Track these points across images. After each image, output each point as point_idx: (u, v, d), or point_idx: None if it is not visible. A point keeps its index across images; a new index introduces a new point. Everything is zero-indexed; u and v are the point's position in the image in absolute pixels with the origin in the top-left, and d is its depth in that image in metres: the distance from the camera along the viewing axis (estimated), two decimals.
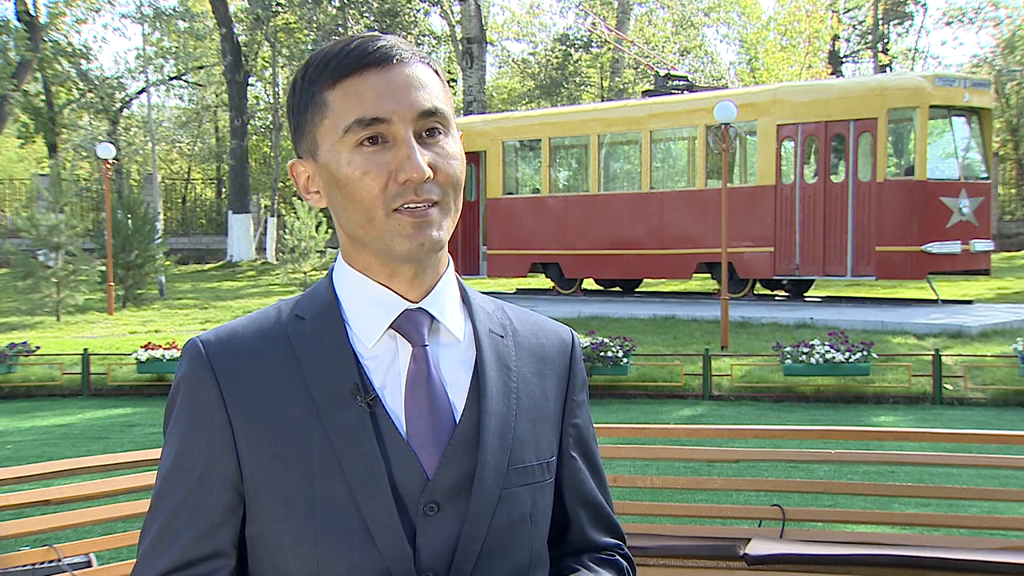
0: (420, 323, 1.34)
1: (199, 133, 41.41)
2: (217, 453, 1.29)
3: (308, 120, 1.32)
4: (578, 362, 1.48)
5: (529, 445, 1.36)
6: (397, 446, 1.29)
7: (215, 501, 1.29)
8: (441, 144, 1.31)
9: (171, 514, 1.30)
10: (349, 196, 1.29)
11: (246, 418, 1.29)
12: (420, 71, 1.31)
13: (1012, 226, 28.22)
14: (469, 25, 28.43)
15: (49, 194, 20.46)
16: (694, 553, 4.02)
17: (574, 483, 1.45)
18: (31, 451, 9.17)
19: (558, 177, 20.49)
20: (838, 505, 6.11)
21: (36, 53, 32.52)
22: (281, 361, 1.31)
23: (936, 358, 10.85)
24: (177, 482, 1.30)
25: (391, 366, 1.33)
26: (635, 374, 11.69)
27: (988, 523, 4.31)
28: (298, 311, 1.36)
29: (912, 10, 37.97)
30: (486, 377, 1.35)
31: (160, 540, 1.30)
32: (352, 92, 1.28)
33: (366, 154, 1.28)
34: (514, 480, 1.34)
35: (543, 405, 1.40)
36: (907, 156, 16.95)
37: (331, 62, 1.30)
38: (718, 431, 4.89)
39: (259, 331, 1.34)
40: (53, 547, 3.64)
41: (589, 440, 1.48)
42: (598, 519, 1.48)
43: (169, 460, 1.32)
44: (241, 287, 25.41)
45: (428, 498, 1.29)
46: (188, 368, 1.32)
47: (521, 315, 1.46)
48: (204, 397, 1.30)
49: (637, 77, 33.39)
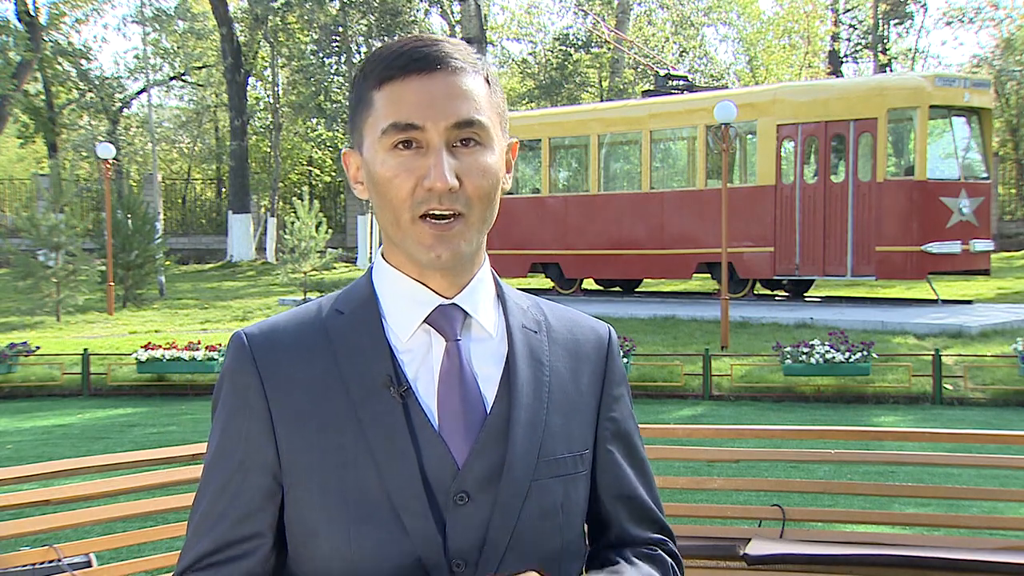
0: (453, 318, 1.37)
1: (199, 133, 41.38)
2: (257, 441, 1.34)
3: (359, 115, 1.37)
4: (615, 357, 1.50)
5: (560, 438, 1.39)
6: (428, 437, 1.32)
7: (254, 487, 1.35)
8: (475, 156, 1.32)
9: (214, 498, 1.36)
10: (382, 195, 1.33)
11: (285, 408, 1.34)
12: (466, 80, 1.33)
13: (1012, 226, 28.22)
14: (469, 25, 28.44)
15: (49, 194, 20.46)
16: (694, 553, 4.01)
17: (612, 477, 1.46)
18: (31, 451, 9.17)
19: (558, 177, 20.50)
20: (838, 505, 6.11)
21: (36, 53, 32.52)
22: (319, 354, 1.36)
23: (936, 358, 10.85)
24: (220, 468, 1.36)
25: (424, 359, 1.36)
26: (635, 374, 11.69)
27: (988, 523, 4.31)
28: (338, 306, 1.40)
29: (912, 10, 37.96)
30: (517, 371, 1.38)
31: (203, 522, 1.36)
32: (393, 96, 1.32)
33: (399, 157, 1.31)
34: (544, 471, 1.36)
35: (576, 399, 1.42)
36: (907, 156, 16.95)
37: (380, 63, 1.34)
38: (718, 431, 4.89)
39: (299, 325, 1.39)
40: (53, 547, 3.64)
41: (630, 434, 1.49)
42: (639, 513, 1.49)
43: (214, 447, 1.38)
44: (241, 287, 25.40)
45: (458, 488, 1.32)
46: (233, 359, 1.38)
47: (557, 311, 1.49)
48: (246, 387, 1.35)
49: (637, 77, 33.38)
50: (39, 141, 38.29)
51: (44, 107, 36.43)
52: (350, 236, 33.49)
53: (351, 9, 30.67)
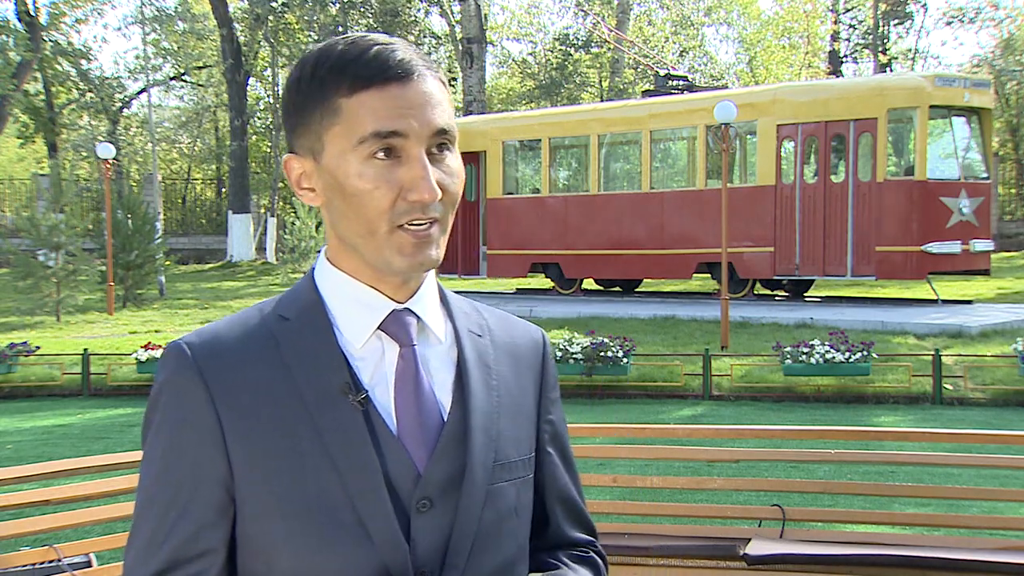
0: (407, 324, 1.35)
1: (199, 133, 41.41)
2: (207, 454, 1.29)
3: (315, 120, 1.31)
4: (550, 360, 1.51)
5: (511, 441, 1.39)
6: (389, 443, 1.31)
7: (206, 502, 1.29)
8: (447, 162, 1.32)
9: (161, 516, 1.30)
10: (353, 207, 1.30)
11: (236, 419, 1.29)
12: (434, 87, 1.32)
13: (1012, 226, 28.22)
14: (469, 25, 28.44)
15: (49, 194, 20.46)
16: (694, 553, 4.02)
17: (551, 479, 1.48)
18: (31, 451, 9.17)
19: (558, 177, 20.49)
20: (838, 505, 6.11)
21: (36, 53, 32.52)
22: (268, 361, 1.32)
23: (936, 358, 10.85)
24: (166, 484, 1.30)
25: (379, 366, 1.34)
26: (635, 374, 11.69)
27: (988, 523, 4.31)
28: (281, 311, 1.36)
29: (912, 10, 37.97)
30: (469, 376, 1.37)
31: (151, 542, 1.30)
32: (370, 104, 1.28)
33: (378, 167, 1.28)
34: (500, 476, 1.36)
35: (521, 402, 1.43)
36: (907, 156, 16.95)
37: (348, 68, 1.29)
38: (718, 431, 4.89)
39: (244, 332, 1.34)
40: (53, 547, 3.64)
41: (563, 436, 1.51)
42: (573, 515, 1.51)
43: (156, 463, 1.31)
44: (241, 287, 25.41)
45: (421, 494, 1.31)
46: (173, 371, 1.31)
47: (495, 315, 1.49)
48: (192, 399, 1.30)
49: (637, 77, 33.38)
50: (39, 141, 38.29)
51: (44, 107, 36.43)
52: None
53: (351, 9, 30.68)
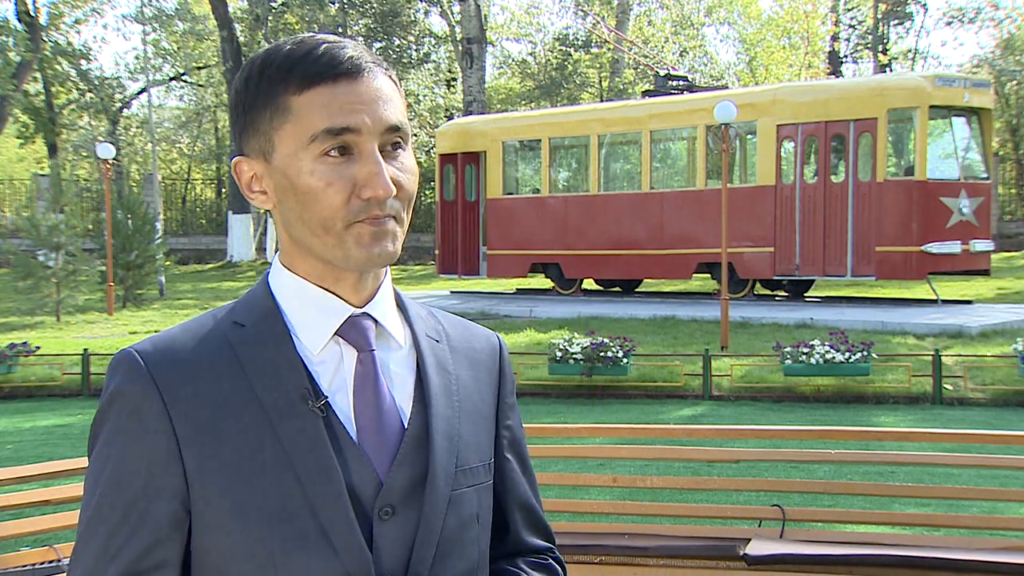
0: (366, 328, 1.34)
1: (199, 133, 41.41)
2: (161, 466, 1.26)
3: (264, 121, 1.30)
4: (507, 365, 1.50)
5: (472, 447, 1.38)
6: (350, 450, 1.29)
7: (160, 515, 1.26)
8: (401, 159, 1.31)
9: (113, 530, 1.26)
10: (307, 205, 1.28)
11: (192, 429, 1.26)
12: (385, 84, 1.31)
13: (1012, 226, 28.22)
14: (469, 25, 28.44)
15: (49, 194, 20.46)
16: (694, 553, 4.02)
17: (510, 485, 1.47)
18: (31, 451, 9.18)
19: (558, 177, 20.49)
20: (838, 505, 6.10)
21: (36, 53, 32.53)
22: (225, 369, 1.29)
23: (936, 358, 10.85)
24: (117, 497, 1.26)
25: (337, 371, 1.32)
26: (635, 374, 11.68)
27: (988, 523, 4.31)
28: (236, 318, 1.33)
29: (912, 10, 37.98)
30: (429, 381, 1.36)
31: (102, 557, 1.26)
32: (321, 101, 1.27)
33: (330, 165, 1.27)
34: (462, 481, 1.35)
35: (480, 407, 1.42)
36: (907, 156, 16.95)
37: (297, 66, 1.28)
38: (718, 431, 4.89)
39: (198, 339, 1.31)
40: (53, 547, 3.64)
41: (521, 442, 1.50)
42: (531, 521, 1.50)
43: (106, 475, 1.27)
44: (241, 287, 25.41)
45: (383, 502, 1.29)
46: (124, 380, 1.28)
47: (451, 320, 1.48)
48: (145, 409, 1.26)
49: (637, 77, 33.38)
50: (39, 141, 38.28)
51: (44, 107, 36.42)
52: None
53: (351, 10, 30.69)
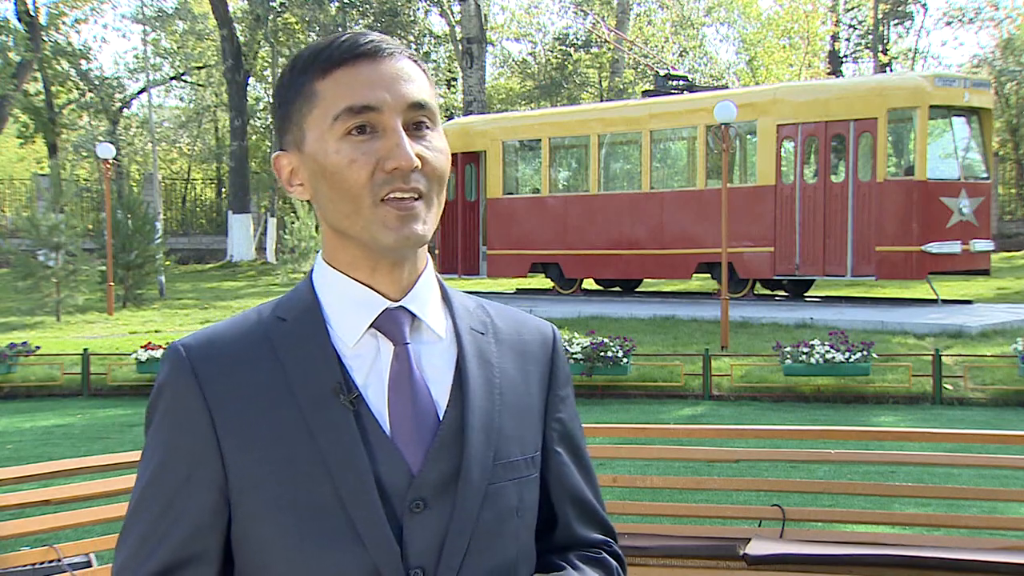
0: (401, 321, 1.34)
1: (199, 133, 41.41)
2: (201, 456, 1.29)
3: (296, 111, 1.33)
4: (560, 357, 1.48)
5: (514, 440, 1.37)
6: (382, 444, 1.29)
7: (201, 504, 1.29)
8: (428, 137, 1.32)
9: (156, 518, 1.30)
10: (335, 186, 1.29)
11: (230, 421, 1.29)
12: (408, 66, 1.33)
13: (1012, 226, 28.22)
14: (469, 25, 28.44)
15: (49, 194, 20.46)
16: (694, 553, 4.02)
17: (559, 478, 1.45)
18: (31, 451, 9.17)
19: (558, 177, 20.49)
20: (838, 505, 6.10)
21: (36, 53, 32.52)
22: (263, 363, 1.31)
23: (936, 358, 10.85)
24: (161, 486, 1.30)
25: (373, 365, 1.33)
26: (635, 374, 11.68)
27: (988, 523, 4.31)
28: (279, 312, 1.35)
29: (912, 10, 37.97)
30: (468, 374, 1.35)
31: (144, 543, 1.30)
32: (343, 81, 1.29)
33: (354, 143, 1.28)
34: (500, 475, 1.34)
35: (526, 400, 1.41)
36: (907, 156, 16.94)
37: (321, 54, 1.31)
38: (718, 431, 4.89)
39: (240, 334, 1.34)
40: (53, 547, 3.64)
41: (575, 435, 1.48)
42: (585, 515, 1.47)
43: (152, 464, 1.32)
44: (241, 287, 25.40)
45: (414, 495, 1.29)
46: (170, 373, 1.31)
47: (502, 312, 1.47)
48: (187, 401, 1.30)
49: (637, 77, 33.37)
50: (39, 141, 38.28)
51: (44, 107, 36.42)
52: None
53: (351, 9, 30.68)
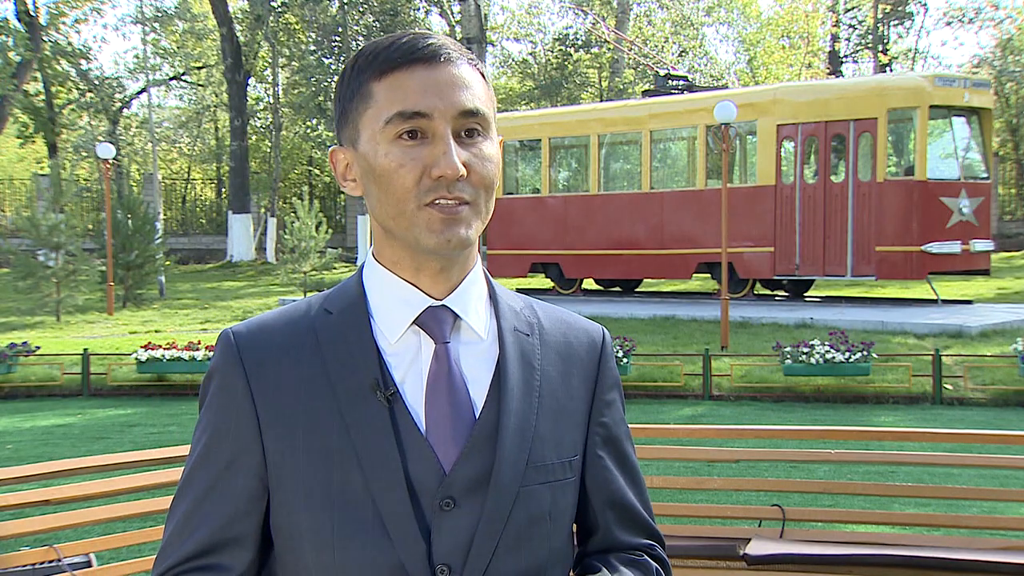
0: (443, 320, 1.35)
1: (199, 133, 41.41)
2: (244, 442, 1.33)
3: (353, 109, 1.34)
4: (608, 360, 1.47)
5: (550, 443, 1.37)
6: (414, 441, 1.30)
7: (240, 489, 1.33)
8: (479, 145, 1.32)
9: (198, 499, 1.34)
10: (383, 187, 1.31)
11: (271, 409, 1.32)
12: (466, 71, 1.33)
13: (1012, 226, 28.22)
14: (469, 25, 28.43)
15: (49, 194, 20.45)
16: (694, 553, 4.02)
17: (601, 482, 1.44)
18: (31, 451, 9.17)
19: (558, 177, 20.50)
20: (838, 505, 6.11)
21: (36, 53, 32.51)
22: (307, 354, 1.34)
23: (936, 358, 10.85)
24: (205, 468, 1.34)
25: (413, 362, 1.34)
26: (635, 374, 11.68)
27: (988, 523, 4.31)
28: (327, 305, 1.38)
29: (912, 10, 37.96)
30: (507, 375, 1.35)
31: (187, 524, 1.34)
32: (397, 85, 1.30)
33: (403, 147, 1.30)
34: (533, 478, 1.34)
35: (567, 403, 1.40)
36: (907, 156, 16.94)
37: (380, 54, 1.32)
38: (718, 431, 4.88)
39: (288, 324, 1.37)
40: (53, 547, 3.64)
41: (620, 440, 1.47)
42: (628, 519, 1.47)
43: (199, 446, 1.36)
44: (241, 287, 25.40)
45: (444, 493, 1.30)
46: (220, 358, 1.36)
47: (550, 312, 1.47)
48: (233, 387, 1.33)
49: (637, 77, 33.37)
50: (39, 141, 38.27)
51: (44, 107, 36.41)
52: (350, 236, 33.49)
53: (351, 9, 30.67)
